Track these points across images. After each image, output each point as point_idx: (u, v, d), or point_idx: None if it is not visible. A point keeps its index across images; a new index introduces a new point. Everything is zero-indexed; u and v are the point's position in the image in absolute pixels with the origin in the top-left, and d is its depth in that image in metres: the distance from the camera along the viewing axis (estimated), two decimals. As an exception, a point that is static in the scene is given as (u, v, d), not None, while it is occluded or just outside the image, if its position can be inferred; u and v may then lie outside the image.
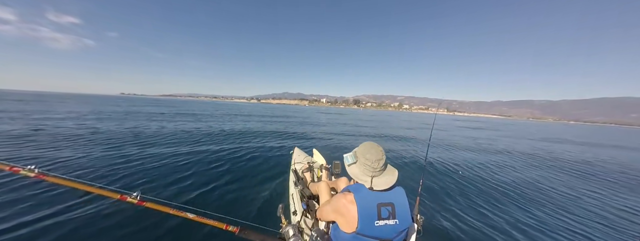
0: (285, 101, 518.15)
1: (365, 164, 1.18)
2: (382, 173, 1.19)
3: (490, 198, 3.73)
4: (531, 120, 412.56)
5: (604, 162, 8.04)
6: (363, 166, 1.19)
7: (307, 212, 1.88)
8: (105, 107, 19.12)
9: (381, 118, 29.15)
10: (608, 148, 12.84)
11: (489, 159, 6.92)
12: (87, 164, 3.86)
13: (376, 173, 1.17)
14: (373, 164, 1.16)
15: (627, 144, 16.12)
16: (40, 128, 6.94)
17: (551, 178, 5.34)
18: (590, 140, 17.50)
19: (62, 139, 5.61)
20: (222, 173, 3.94)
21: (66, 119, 9.62)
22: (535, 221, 3.06)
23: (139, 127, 8.27)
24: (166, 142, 6.03)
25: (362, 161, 1.20)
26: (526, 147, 10.53)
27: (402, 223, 1.12)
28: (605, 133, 32.99)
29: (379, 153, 1.19)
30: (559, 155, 8.74)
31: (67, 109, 14.71)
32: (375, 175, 1.17)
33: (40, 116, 10.15)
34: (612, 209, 3.67)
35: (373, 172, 1.17)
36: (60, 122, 8.69)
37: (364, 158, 1.19)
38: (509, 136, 16.23)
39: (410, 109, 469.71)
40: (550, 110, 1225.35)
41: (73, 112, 13.16)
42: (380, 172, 1.18)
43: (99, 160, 4.09)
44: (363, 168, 1.19)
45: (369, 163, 1.17)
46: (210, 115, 17.72)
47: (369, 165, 1.17)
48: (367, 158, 1.18)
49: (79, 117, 10.66)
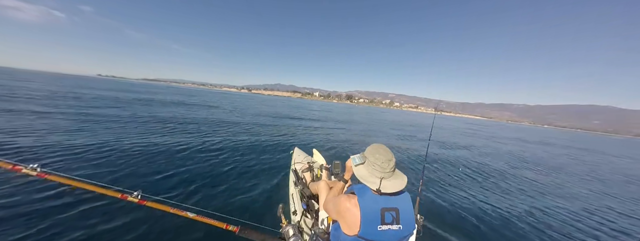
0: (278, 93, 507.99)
1: (374, 164, 1.12)
2: (391, 176, 1.13)
3: (491, 198, 3.77)
4: (510, 122, 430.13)
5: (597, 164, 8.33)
6: (372, 166, 1.13)
7: (307, 212, 1.85)
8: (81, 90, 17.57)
9: (378, 117, 28.66)
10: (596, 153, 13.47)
11: (489, 159, 7.02)
12: (89, 163, 3.73)
13: (386, 174, 1.11)
14: (383, 164, 1.10)
15: (608, 151, 16.96)
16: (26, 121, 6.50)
17: (552, 181, 5.41)
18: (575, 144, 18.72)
19: (61, 135, 5.31)
20: (222, 172, 3.86)
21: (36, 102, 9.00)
22: (534, 220, 3.15)
23: (141, 125, 7.89)
24: (167, 142, 5.83)
25: (371, 160, 1.13)
26: (530, 151, 10.72)
27: (406, 229, 1.08)
28: (577, 138, 35.06)
29: (388, 154, 1.14)
30: (565, 160, 8.93)
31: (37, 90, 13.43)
32: (385, 176, 1.10)
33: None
34: (612, 207, 3.90)
35: (383, 173, 1.10)
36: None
37: (374, 158, 1.13)
38: (507, 136, 16.62)
39: (400, 107, 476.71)
40: (526, 113, 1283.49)
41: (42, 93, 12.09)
42: (390, 174, 1.12)
43: (100, 159, 3.95)
44: (372, 169, 1.13)
45: (379, 162, 1.11)
46: (209, 110, 17.09)
47: (378, 165, 1.11)
48: (376, 158, 1.12)
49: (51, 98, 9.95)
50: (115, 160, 3.97)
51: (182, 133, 6.96)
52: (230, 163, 4.43)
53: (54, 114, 7.40)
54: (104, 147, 4.66)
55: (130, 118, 8.70)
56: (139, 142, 5.39)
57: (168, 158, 4.30)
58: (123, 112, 9.69)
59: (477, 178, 4.92)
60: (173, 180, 3.36)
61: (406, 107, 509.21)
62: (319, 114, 18.46)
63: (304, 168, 2.63)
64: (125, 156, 4.21)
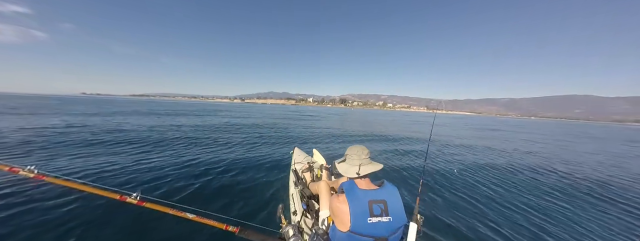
0: (271, 101, 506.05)
1: (351, 156, 1.30)
2: (369, 163, 1.28)
3: (491, 197, 3.67)
4: (498, 116, 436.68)
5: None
6: (350, 158, 1.31)
7: (307, 212, 1.82)
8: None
9: (373, 119, 27.85)
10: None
11: (489, 160, 6.78)
12: (87, 165, 3.65)
13: (363, 161, 1.26)
14: (359, 153, 1.29)
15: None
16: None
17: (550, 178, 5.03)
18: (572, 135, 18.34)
19: (61, 139, 5.21)
20: (222, 173, 3.80)
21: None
22: (535, 220, 3.01)
23: (136, 128, 7.75)
24: (166, 143, 5.76)
25: (349, 154, 1.33)
26: (527, 146, 10.15)
27: (396, 221, 1.09)
28: (565, 128, 34.48)
29: (364, 149, 1.32)
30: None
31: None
32: (363, 163, 1.26)
33: None
34: (612, 208, 3.53)
35: (360, 160, 1.27)
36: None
37: (351, 152, 1.33)
38: (502, 135, 15.92)
39: (393, 108, 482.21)
40: (512, 107, 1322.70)
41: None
42: (368, 161, 1.28)
43: (99, 161, 3.87)
44: (350, 160, 1.30)
45: (356, 152, 1.30)
46: (205, 115, 16.85)
47: (356, 154, 1.29)
48: (353, 151, 1.32)
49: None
50: (114, 161, 3.89)
51: (182, 136, 6.87)
52: (230, 163, 4.37)
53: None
54: (102, 149, 4.58)
55: (130, 121, 8.55)
56: (139, 143, 5.34)
57: (167, 160, 4.23)
58: (124, 116, 9.47)
59: (478, 178, 4.80)
60: (172, 181, 3.30)
61: (399, 107, 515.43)
62: (316, 121, 18.13)
63: (304, 168, 2.59)
64: (124, 157, 4.14)
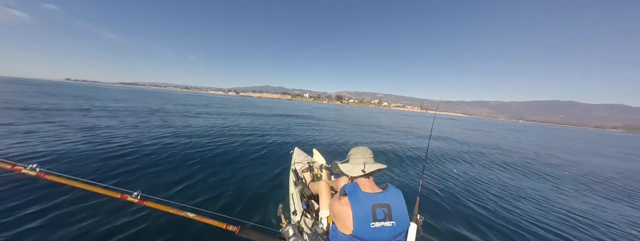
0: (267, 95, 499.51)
1: (355, 155, 1.29)
2: (372, 162, 1.26)
3: (490, 198, 3.70)
4: (488, 118, 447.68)
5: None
6: (354, 158, 1.29)
7: (307, 212, 1.81)
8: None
9: (371, 120, 27.49)
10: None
11: (488, 160, 6.90)
12: (89, 163, 3.59)
13: (367, 160, 1.25)
14: (363, 152, 1.28)
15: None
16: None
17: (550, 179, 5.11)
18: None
19: (62, 136, 5.03)
20: (222, 172, 3.76)
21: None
22: (535, 219, 3.07)
23: (140, 125, 7.53)
24: (167, 141, 5.64)
25: (353, 154, 1.31)
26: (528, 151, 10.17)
27: (399, 225, 1.07)
28: (556, 132, 34.92)
29: (367, 150, 1.31)
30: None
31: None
32: (367, 162, 1.24)
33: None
34: (609, 209, 3.67)
35: (364, 159, 1.25)
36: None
37: (355, 152, 1.31)
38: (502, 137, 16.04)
39: (389, 106, 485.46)
40: (502, 109, 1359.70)
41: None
42: (371, 160, 1.26)
43: (100, 159, 3.80)
44: (354, 159, 1.28)
45: (360, 152, 1.29)
46: (206, 112, 16.42)
47: (359, 154, 1.28)
48: (357, 151, 1.31)
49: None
50: (114, 160, 3.83)
51: (181, 134, 6.74)
52: (230, 163, 4.33)
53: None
54: (103, 147, 4.47)
55: (128, 118, 8.28)
56: (139, 143, 5.20)
57: (168, 159, 4.18)
58: (121, 111, 9.10)
59: (477, 178, 4.84)
60: (173, 180, 3.27)
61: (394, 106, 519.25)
62: (316, 120, 17.86)
63: (304, 168, 2.58)
64: (125, 156, 4.06)
